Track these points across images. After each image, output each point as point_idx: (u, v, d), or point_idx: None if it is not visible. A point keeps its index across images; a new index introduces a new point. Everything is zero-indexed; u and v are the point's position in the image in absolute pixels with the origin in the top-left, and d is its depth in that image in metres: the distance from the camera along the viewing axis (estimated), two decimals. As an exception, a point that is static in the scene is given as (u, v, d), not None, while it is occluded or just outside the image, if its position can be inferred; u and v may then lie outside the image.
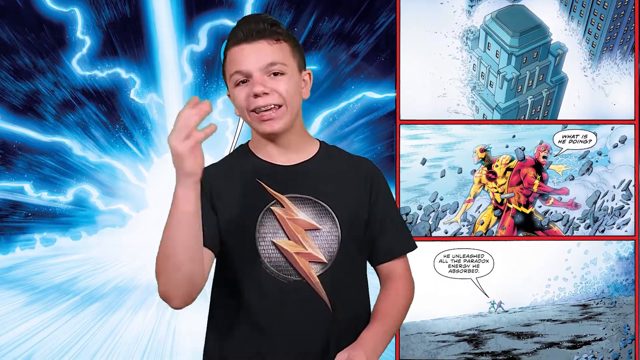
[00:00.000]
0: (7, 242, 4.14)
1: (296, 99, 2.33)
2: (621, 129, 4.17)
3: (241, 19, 2.35)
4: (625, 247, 4.20)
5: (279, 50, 2.29)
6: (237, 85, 2.30)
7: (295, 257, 2.27)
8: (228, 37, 2.35)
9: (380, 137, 4.18)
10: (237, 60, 2.28)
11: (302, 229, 2.28)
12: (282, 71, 2.28)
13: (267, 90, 2.25)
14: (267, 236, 2.28)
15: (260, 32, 2.27)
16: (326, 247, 2.29)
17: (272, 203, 2.29)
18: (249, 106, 2.27)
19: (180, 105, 4.11)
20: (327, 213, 2.31)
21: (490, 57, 4.14)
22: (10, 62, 4.11)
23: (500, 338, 4.20)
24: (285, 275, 2.27)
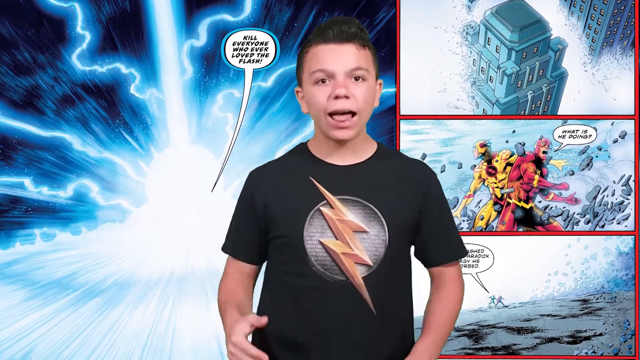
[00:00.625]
0: (7, 237, 4.16)
1: (369, 107, 2.38)
2: (621, 124, 4.19)
3: (330, 19, 2.37)
4: (625, 242, 4.22)
5: (364, 56, 2.33)
6: (315, 84, 2.32)
7: (342, 257, 2.29)
8: (313, 33, 2.37)
9: (381, 132, 4.18)
10: (324, 58, 2.31)
11: (350, 230, 2.30)
12: (364, 77, 2.32)
13: (349, 94, 2.28)
14: (314, 235, 2.30)
15: (350, 35, 2.31)
16: (372, 250, 2.31)
17: (322, 204, 2.32)
18: (327, 108, 2.29)
19: (180, 100, 4.16)
20: (376, 216, 2.32)
21: (490, 52, 4.15)
22: (10, 57, 4.12)
23: (500, 333, 4.22)
24: (331, 275, 2.29)
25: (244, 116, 4.16)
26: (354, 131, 2.32)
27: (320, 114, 2.31)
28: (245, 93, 4.16)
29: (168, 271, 4.20)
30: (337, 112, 2.28)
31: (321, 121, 2.33)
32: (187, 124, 4.18)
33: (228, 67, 4.16)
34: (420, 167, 2.51)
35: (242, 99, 4.16)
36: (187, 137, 4.19)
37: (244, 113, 4.16)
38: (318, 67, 2.30)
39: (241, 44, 4.14)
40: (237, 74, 4.16)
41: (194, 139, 4.20)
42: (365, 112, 2.34)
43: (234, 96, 4.17)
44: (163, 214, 4.18)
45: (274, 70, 4.17)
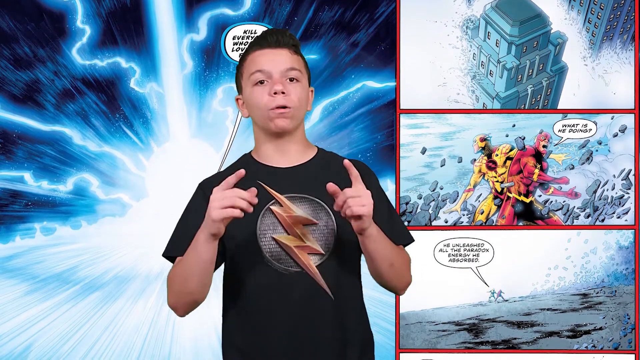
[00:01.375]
0: (7, 231, 4.17)
1: (304, 108, 2.57)
2: (621, 118, 4.21)
3: (265, 30, 2.62)
4: (625, 236, 4.24)
5: (297, 60, 2.56)
6: (255, 85, 2.51)
7: (295, 250, 2.42)
8: (250, 44, 2.60)
9: (380, 127, 4.21)
10: (260, 61, 2.52)
11: (300, 224, 2.44)
12: (298, 78, 2.53)
13: (285, 91, 2.48)
14: (267, 232, 2.44)
15: (284, 42, 2.55)
16: (323, 240, 2.45)
17: (272, 203, 2.46)
18: (267, 104, 2.47)
19: (180, 94, 4.17)
20: (323, 208, 2.47)
21: (490, 46, 4.18)
22: (10, 52, 4.14)
23: (500, 327, 4.24)
24: (286, 267, 2.42)
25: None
26: (291, 121, 2.50)
27: (261, 111, 2.50)
28: (245, 87, 4.18)
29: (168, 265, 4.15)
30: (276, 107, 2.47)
31: (262, 119, 2.51)
32: (187, 118, 4.20)
33: (228, 61, 4.18)
34: (358, 164, 2.59)
35: (242, 93, 4.18)
36: (187, 131, 4.21)
37: (244, 107, 4.17)
38: (256, 68, 2.51)
39: (241, 38, 4.17)
40: (237, 68, 4.18)
41: (194, 133, 4.21)
42: (300, 111, 2.54)
43: (234, 90, 4.17)
44: (163, 208, 4.18)
45: (274, 65, 4.18)
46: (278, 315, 2.43)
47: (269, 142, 2.56)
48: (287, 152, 2.56)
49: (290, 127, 2.51)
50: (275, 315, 2.43)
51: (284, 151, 2.56)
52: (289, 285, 2.42)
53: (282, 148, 2.56)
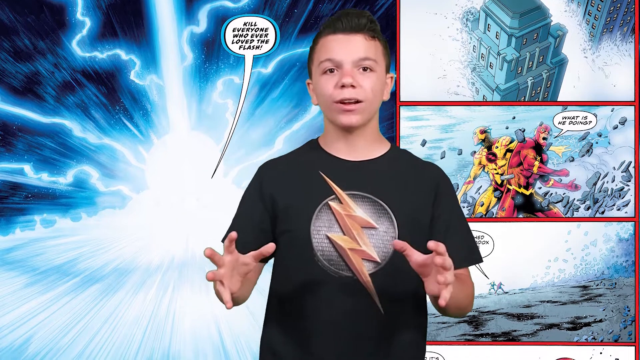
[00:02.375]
0: (7, 223, 4.21)
1: (378, 99, 2.41)
2: (621, 111, 4.24)
3: (341, 11, 2.43)
4: (625, 228, 4.27)
5: (373, 47, 2.37)
6: (324, 73, 2.36)
7: (348, 253, 2.28)
8: (323, 25, 2.43)
9: (381, 119, 4.13)
10: (331, 48, 2.35)
11: (359, 226, 2.30)
12: (372, 68, 2.35)
13: (355, 84, 2.31)
14: (321, 230, 2.31)
15: (359, 26, 2.36)
16: (381, 247, 2.30)
17: (331, 198, 2.32)
18: (333, 96, 2.33)
19: (180, 86, 4.20)
20: (386, 213, 2.32)
21: (490, 38, 4.21)
22: (10, 44, 4.17)
23: (500, 319, 4.27)
24: (337, 270, 2.29)
25: (244, 102, 4.20)
26: (361, 117, 2.35)
27: (327, 102, 2.35)
28: (245, 79, 4.21)
29: (168, 257, 4.24)
30: (344, 100, 2.32)
31: (329, 110, 2.37)
32: (187, 110, 4.23)
33: (228, 53, 4.21)
34: (433, 168, 2.53)
35: (242, 85, 4.21)
36: (187, 124, 4.24)
37: (244, 99, 4.20)
38: (326, 56, 2.35)
39: (241, 30, 4.19)
40: (237, 60, 4.21)
41: (194, 125, 4.24)
42: (372, 102, 2.37)
43: (234, 82, 4.22)
44: (163, 200, 4.22)
45: (274, 57, 4.22)
46: (321, 321, 2.31)
47: (337, 133, 2.42)
48: (356, 145, 2.42)
49: (360, 123, 2.36)
50: (317, 321, 2.31)
51: (352, 144, 2.41)
52: (337, 290, 2.29)
53: (350, 140, 2.41)
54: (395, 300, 2.32)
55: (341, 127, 2.37)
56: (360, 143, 2.42)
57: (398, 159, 2.49)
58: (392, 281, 2.31)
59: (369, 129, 2.44)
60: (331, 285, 2.29)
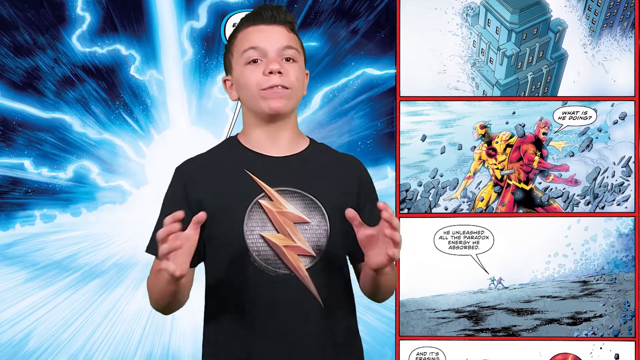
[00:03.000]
0: (7, 218, 4.22)
1: (300, 91, 2.42)
2: (621, 106, 4.26)
3: (259, 6, 2.44)
4: (625, 223, 4.29)
5: (293, 39, 2.41)
6: (247, 64, 2.35)
7: (284, 251, 2.28)
8: (241, 20, 2.44)
9: (380, 114, 4.25)
10: (254, 38, 2.36)
11: (291, 222, 2.30)
12: (295, 58, 2.38)
13: (282, 70, 2.32)
14: (255, 229, 2.29)
15: (280, 18, 2.39)
16: (315, 241, 2.31)
17: (261, 196, 2.31)
18: (260, 84, 2.32)
19: (180, 81, 4.21)
20: (316, 207, 2.33)
21: (490, 33, 4.22)
22: (10, 39, 4.19)
23: (500, 314, 4.29)
24: (274, 269, 2.29)
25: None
26: (287, 102, 2.35)
27: (253, 92, 2.34)
28: (245, 74, 4.21)
29: (168, 252, 4.24)
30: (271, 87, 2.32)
31: (254, 100, 2.35)
32: (187, 105, 4.25)
33: (228, 48, 4.21)
34: (353, 160, 2.56)
35: (242, 80, 4.22)
36: (187, 119, 4.26)
37: (244, 94, 4.21)
38: (249, 45, 2.35)
39: (241, 25, 4.19)
40: (237, 55, 4.22)
41: (194, 120, 4.26)
42: (297, 91, 2.39)
43: (234, 77, 4.23)
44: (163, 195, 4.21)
45: (274, 52, 4.22)
46: (263, 320, 2.31)
47: (259, 127, 2.40)
48: (279, 140, 2.41)
49: (286, 109, 2.35)
50: (260, 320, 2.31)
51: (275, 138, 2.40)
52: (277, 289, 2.29)
53: (273, 135, 2.40)
54: (331, 290, 2.35)
55: (267, 115, 2.36)
56: (283, 137, 2.42)
57: (320, 153, 2.50)
58: (327, 272, 2.33)
59: (291, 122, 2.43)
60: (270, 285, 2.29)
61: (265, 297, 2.29)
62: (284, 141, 2.42)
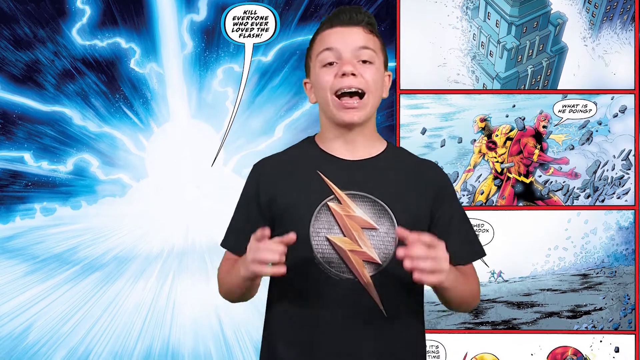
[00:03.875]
0: (7, 211, 4.25)
1: (378, 93, 2.39)
2: (621, 99, 4.28)
3: (338, 8, 2.43)
4: (625, 216, 4.31)
5: (372, 40, 2.37)
6: (323, 67, 2.35)
7: (349, 255, 2.26)
8: (321, 23, 2.44)
9: (380, 107, 4.11)
10: (329, 40, 2.36)
11: (359, 227, 2.27)
12: (372, 60, 2.35)
13: (356, 72, 2.30)
14: (321, 231, 2.27)
15: (357, 20, 2.37)
16: (382, 248, 2.27)
17: (330, 198, 2.29)
18: (333, 86, 2.31)
19: (180, 74, 4.23)
20: (386, 213, 2.29)
21: (490, 26, 4.24)
22: (10, 32, 4.22)
23: (500, 308, 4.31)
24: (337, 272, 2.26)
25: (244, 91, 4.24)
26: (363, 113, 2.33)
27: (326, 95, 2.33)
28: (245, 68, 4.25)
29: (168, 245, 4.28)
30: (344, 90, 2.30)
31: (328, 104, 2.34)
32: (187, 98, 4.27)
33: (228, 41, 4.25)
34: (432, 166, 2.52)
35: (242, 73, 4.25)
36: (187, 112, 4.28)
37: (243, 87, 4.25)
38: (325, 46, 2.34)
39: (241, 18, 4.23)
40: (237, 48, 4.26)
41: (193, 113, 4.28)
42: (374, 95, 2.35)
43: (234, 71, 4.26)
44: (163, 188, 4.26)
45: (274, 45, 4.26)
46: (322, 325, 2.29)
47: (335, 131, 2.39)
48: (354, 144, 2.38)
49: (362, 120, 2.34)
50: (318, 324, 2.29)
51: (350, 142, 2.38)
52: (338, 293, 2.26)
53: (349, 139, 2.37)
54: (396, 301, 2.31)
55: (342, 124, 2.35)
56: (359, 141, 2.39)
57: (396, 158, 2.46)
58: (393, 282, 2.29)
59: (368, 127, 2.41)
60: (332, 288, 2.27)
61: (326, 300, 2.28)
62: (359, 145, 2.40)
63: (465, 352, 4.30)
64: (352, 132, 2.37)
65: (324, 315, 2.29)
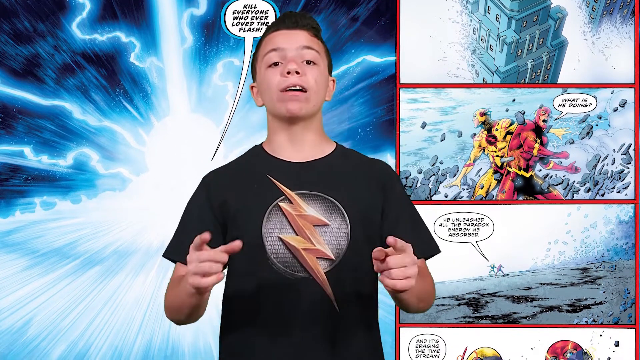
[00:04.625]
0: (7, 205, 4.26)
1: (321, 94, 2.45)
2: (621, 93, 4.31)
3: (284, 12, 2.55)
4: (625, 210, 4.33)
5: (316, 42, 2.46)
6: (269, 67, 2.42)
7: (302, 253, 2.29)
8: (267, 27, 2.53)
9: (380, 101, 4.29)
10: (275, 41, 2.44)
11: (311, 225, 2.31)
12: (316, 61, 2.42)
13: (300, 71, 2.37)
14: (273, 232, 2.31)
15: (302, 23, 2.46)
16: (334, 244, 2.32)
17: (281, 199, 2.34)
18: (279, 85, 2.37)
19: (180, 69, 4.25)
20: (337, 209, 2.34)
21: (490, 20, 4.27)
22: (10, 26, 4.23)
23: (500, 302, 4.33)
24: (292, 272, 2.30)
25: (244, 85, 4.26)
26: (305, 105, 2.38)
27: (272, 94, 2.40)
28: (245, 62, 4.28)
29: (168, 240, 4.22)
30: (289, 87, 2.37)
31: (273, 101, 2.41)
32: (187, 92, 4.29)
33: (228, 35, 4.27)
34: (380, 164, 2.58)
35: (242, 67, 4.28)
36: (187, 106, 4.30)
37: (244, 82, 4.27)
38: (270, 47, 2.42)
39: (241, 12, 4.26)
40: (237, 42, 4.28)
41: (193, 107, 4.30)
42: (317, 93, 2.42)
43: (234, 65, 4.28)
44: (163, 182, 4.27)
45: (274, 39, 4.26)
46: (279, 324, 2.32)
47: (282, 131, 2.45)
48: (301, 144, 2.45)
49: (303, 112, 2.38)
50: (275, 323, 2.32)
51: (297, 142, 2.44)
52: (294, 292, 2.30)
53: (295, 138, 2.44)
54: (350, 298, 2.34)
55: (286, 117, 2.41)
56: (306, 143, 2.45)
57: (345, 157, 2.52)
58: (347, 278, 2.33)
59: (313, 126, 2.47)
60: (287, 288, 2.30)
61: (282, 300, 2.31)
62: (306, 146, 2.46)
63: (465, 346, 4.32)
64: (298, 130, 2.44)
65: (280, 315, 2.32)
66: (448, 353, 4.32)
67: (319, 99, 2.43)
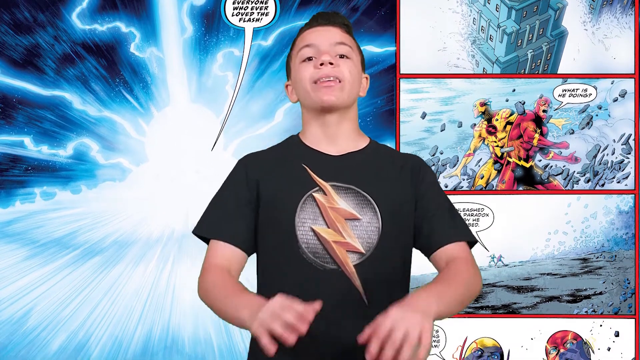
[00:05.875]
0: (7, 195, 4.30)
1: (355, 87, 2.48)
2: (621, 83, 4.34)
3: (316, 13, 2.58)
4: (625, 200, 4.36)
5: (348, 38, 2.51)
6: (302, 62, 2.46)
7: (333, 245, 2.31)
8: (300, 29, 2.58)
9: (380, 91, 4.32)
10: (308, 38, 2.49)
11: (342, 218, 2.33)
12: (349, 55, 2.46)
13: (334, 62, 2.41)
14: (306, 222, 2.33)
15: (334, 21, 2.52)
16: (365, 238, 2.33)
17: (315, 190, 2.36)
18: (312, 76, 2.41)
19: (180, 59, 4.28)
20: (369, 203, 2.36)
21: (490, 10, 4.30)
22: (10, 16, 4.27)
23: (500, 292, 4.37)
24: (322, 263, 2.31)
25: (244, 75, 4.30)
26: (340, 95, 2.40)
27: (306, 86, 2.43)
28: (245, 52, 4.31)
29: (168, 230, 4.32)
30: (322, 78, 2.40)
31: (308, 93, 2.44)
32: (187, 82, 4.33)
33: (228, 25, 4.31)
34: (413, 159, 2.58)
35: (242, 57, 4.31)
36: (187, 96, 4.33)
37: (243, 72, 4.30)
38: (304, 43, 2.47)
39: (241, 2, 4.29)
40: (237, 32, 4.31)
41: (193, 97, 4.34)
42: (350, 85, 2.44)
43: (234, 55, 4.32)
44: (163, 172, 4.31)
45: (274, 29, 4.32)
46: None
47: (317, 124, 2.47)
48: (336, 137, 2.46)
49: (338, 102, 2.40)
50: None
51: (332, 135, 2.46)
52: (323, 283, 2.30)
53: (330, 131, 2.46)
54: (378, 291, 2.33)
55: (320, 108, 2.43)
56: (340, 136, 2.48)
57: (379, 152, 2.54)
58: (376, 272, 2.33)
59: (347, 120, 2.49)
60: (317, 278, 2.31)
61: (310, 290, 2.26)
62: (341, 139, 2.48)
63: (465, 336, 4.36)
64: (332, 121, 2.46)
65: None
66: (448, 343, 4.35)
67: (353, 91, 2.46)
